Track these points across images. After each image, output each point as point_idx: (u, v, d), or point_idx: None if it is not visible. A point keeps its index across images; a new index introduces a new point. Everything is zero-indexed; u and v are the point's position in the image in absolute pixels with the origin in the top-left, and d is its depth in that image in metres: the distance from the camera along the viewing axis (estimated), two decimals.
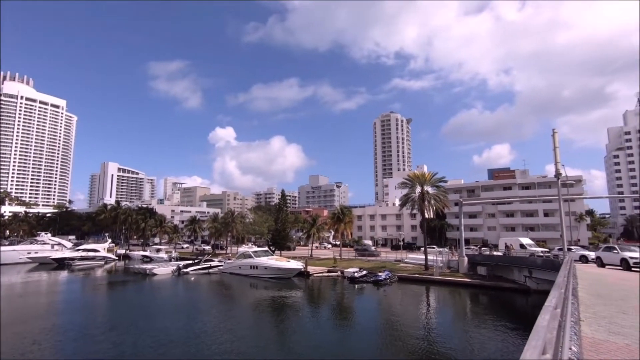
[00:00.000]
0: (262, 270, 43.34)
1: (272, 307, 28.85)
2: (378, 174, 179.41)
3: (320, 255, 57.74)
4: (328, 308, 29.86)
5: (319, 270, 44.83)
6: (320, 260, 52.15)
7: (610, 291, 13.07)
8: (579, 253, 33.32)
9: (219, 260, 52.68)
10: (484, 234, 74.22)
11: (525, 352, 1.87)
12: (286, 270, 42.33)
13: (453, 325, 24.19)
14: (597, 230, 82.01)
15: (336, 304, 31.80)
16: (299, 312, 27.31)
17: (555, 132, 27.13)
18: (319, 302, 32.94)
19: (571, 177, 59.72)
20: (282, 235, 60.63)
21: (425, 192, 42.56)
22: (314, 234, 59.09)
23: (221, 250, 69.93)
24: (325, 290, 37.66)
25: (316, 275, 43.28)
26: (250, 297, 34.48)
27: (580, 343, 5.15)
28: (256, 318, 25.48)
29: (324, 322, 24.96)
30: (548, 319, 2.73)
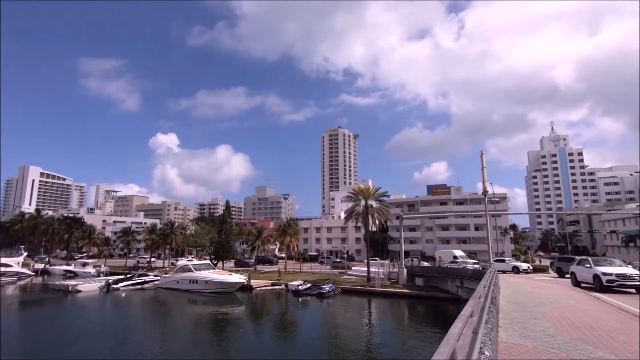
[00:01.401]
0: (202, 285, 41.33)
1: (212, 323, 27.56)
2: (325, 187, 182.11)
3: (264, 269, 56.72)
4: (271, 322, 29.27)
5: (263, 284, 43.90)
6: (264, 274, 51.18)
7: (526, 299, 14.50)
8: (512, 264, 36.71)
9: (155, 275, 49.30)
10: (422, 246, 78.29)
11: None
12: (228, 284, 40.83)
13: (392, 335, 25.01)
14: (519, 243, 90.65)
15: (279, 318, 31.30)
16: (240, 327, 26.42)
17: (483, 154, 29.82)
18: (261, 316, 32.17)
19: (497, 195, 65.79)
20: (225, 247, 58.60)
21: (369, 206, 44.01)
22: (258, 247, 57.92)
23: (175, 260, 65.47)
24: (269, 304, 36.93)
25: (259, 289, 42.29)
26: (189, 314, 32.62)
27: (496, 348, 5.65)
28: (194, 336, 24.14)
29: (266, 337, 24.42)
30: (460, 326, 3.00)
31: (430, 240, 78.76)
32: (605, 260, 20.57)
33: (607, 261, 20.36)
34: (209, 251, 67.98)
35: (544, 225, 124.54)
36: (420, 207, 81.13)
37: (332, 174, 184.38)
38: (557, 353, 6.28)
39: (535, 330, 8.16)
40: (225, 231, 60.16)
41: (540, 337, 7.55)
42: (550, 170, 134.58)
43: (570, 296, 15.73)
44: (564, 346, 6.78)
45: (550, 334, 7.82)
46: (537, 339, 7.36)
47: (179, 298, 39.10)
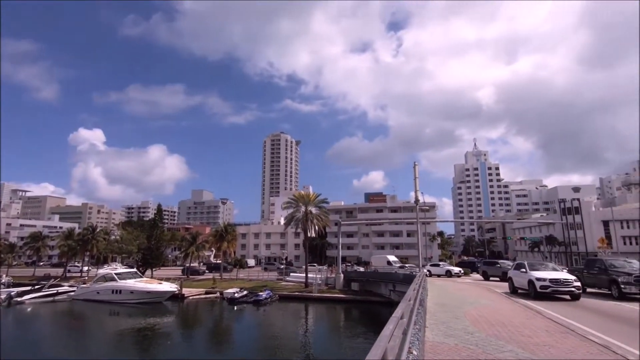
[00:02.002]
0: (127, 295, 38.00)
1: (137, 336, 25.45)
2: (265, 192, 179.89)
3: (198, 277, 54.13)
4: (203, 332, 27.91)
5: (196, 292, 41.74)
6: (198, 282, 48.78)
7: (449, 300, 15.71)
8: (446, 268, 39.26)
9: (70, 285, 44.24)
10: (359, 252, 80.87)
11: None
12: (157, 294, 38.08)
13: (328, 339, 25.36)
14: (445, 248, 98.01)
15: (212, 327, 29.98)
16: (168, 339, 24.75)
17: (415, 165, 31.91)
18: (193, 326, 30.50)
19: (427, 203, 70.72)
20: (154, 254, 54.70)
21: (309, 212, 44.42)
22: (192, 253, 55.07)
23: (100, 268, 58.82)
24: (201, 314, 35.21)
25: (192, 298, 40.12)
26: (109, 328, 29.72)
27: (422, 347, 6.03)
28: (114, 351, 22.03)
29: (198, 348, 23.17)
30: (391, 328, 3.16)
31: (366, 246, 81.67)
32: (540, 264, 19.10)
33: (542, 265, 18.98)
34: (136, 258, 62.96)
35: (466, 232, 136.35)
36: (358, 214, 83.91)
37: (273, 179, 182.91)
38: (474, 349, 6.89)
39: (457, 329, 8.87)
40: (156, 236, 56.25)
41: (461, 335, 8.21)
42: (473, 183, 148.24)
43: (486, 297, 17.38)
44: (480, 342, 7.46)
45: (469, 332, 8.56)
46: (458, 336, 8.00)
47: (98, 310, 35.50)
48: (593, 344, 7.50)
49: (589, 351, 6.93)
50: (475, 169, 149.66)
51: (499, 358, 6.27)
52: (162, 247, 60.59)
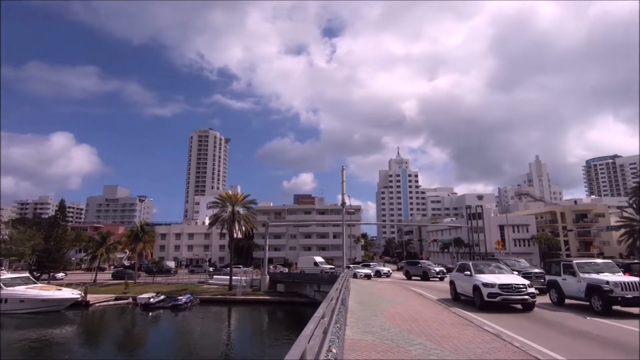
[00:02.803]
0: (15, 304, 32.63)
1: (26, 350, 21.99)
2: (190, 190, 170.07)
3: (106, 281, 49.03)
4: (110, 342, 25.25)
5: (104, 299, 37.67)
6: (108, 287, 44.12)
7: (370, 299, 16.53)
8: (376, 268, 40.61)
9: None
10: (286, 253, 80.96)
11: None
12: (54, 302, 33.43)
13: (250, 342, 24.84)
14: (368, 249, 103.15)
15: (122, 336, 27.28)
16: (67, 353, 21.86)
17: (343, 169, 33.12)
18: (98, 336, 27.41)
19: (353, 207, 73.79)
20: (53, 256, 48.02)
21: (236, 213, 43.20)
22: (101, 255, 49.65)
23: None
24: (109, 322, 31.88)
25: (99, 305, 36.10)
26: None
27: (342, 345, 6.25)
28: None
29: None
30: (312, 328, 3.21)
31: (293, 248, 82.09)
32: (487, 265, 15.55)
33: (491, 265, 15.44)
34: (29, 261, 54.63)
35: (387, 234, 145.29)
36: (286, 215, 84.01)
37: (199, 177, 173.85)
38: (389, 344, 7.35)
39: (375, 326, 9.37)
40: (56, 236, 49.48)
41: (378, 331, 8.69)
42: (395, 188, 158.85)
43: (402, 294, 18.68)
44: (395, 337, 7.98)
45: (386, 328, 9.10)
46: (375, 333, 8.45)
47: None
48: (487, 334, 8.53)
49: (484, 339, 7.85)
50: (397, 175, 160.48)
51: (409, 350, 6.77)
52: (64, 249, 53.53)
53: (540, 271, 18.92)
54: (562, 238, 72.50)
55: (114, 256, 57.61)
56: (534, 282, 17.82)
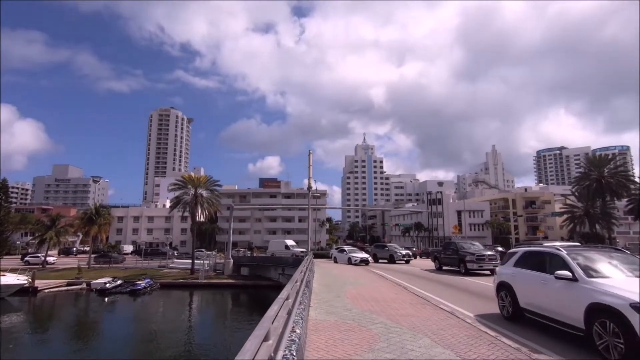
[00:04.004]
0: None
1: None
2: (149, 171, 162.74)
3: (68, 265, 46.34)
4: (62, 330, 24.03)
5: (54, 284, 35.58)
6: (59, 272, 41.67)
7: (333, 281, 16.85)
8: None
9: None
10: (250, 237, 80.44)
11: (247, 343, 2.06)
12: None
13: (212, 326, 24.69)
14: (332, 233, 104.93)
15: (74, 323, 26.03)
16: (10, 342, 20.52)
17: (310, 153, 33.07)
18: (48, 324, 25.95)
19: (319, 191, 74.13)
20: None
21: (199, 195, 42.03)
22: (51, 239, 46.59)
23: None
24: (60, 309, 30.26)
25: (49, 291, 34.07)
26: None
27: (306, 325, 6.31)
28: None
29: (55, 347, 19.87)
30: (276, 309, 3.18)
31: (258, 231, 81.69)
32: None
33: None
34: None
35: (352, 219, 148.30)
36: (251, 198, 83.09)
37: (160, 158, 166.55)
38: (351, 323, 7.54)
39: (338, 307, 9.57)
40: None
41: (340, 312, 8.88)
42: (360, 173, 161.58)
43: (365, 277, 19.21)
44: (357, 317, 8.20)
45: (348, 309, 9.32)
46: (338, 314, 8.63)
47: None
48: (443, 311, 8.99)
49: (440, 317, 8.26)
50: (363, 161, 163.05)
51: (370, 329, 6.98)
52: (7, 232, 49.59)
53: (493, 253, 20.24)
54: (513, 223, 77.70)
55: (65, 240, 54.27)
56: (486, 264, 19.13)
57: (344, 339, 6.26)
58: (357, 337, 6.43)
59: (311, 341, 6.04)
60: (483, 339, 6.30)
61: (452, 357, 5.24)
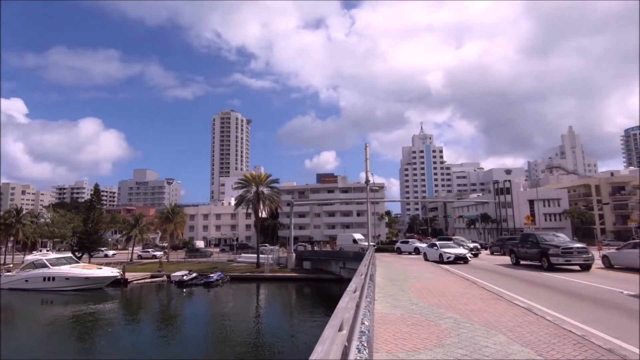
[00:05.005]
0: (61, 282, 35.21)
1: (75, 325, 23.79)
2: (215, 172, 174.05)
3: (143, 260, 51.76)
4: (150, 317, 26.90)
5: (140, 277, 39.88)
6: (143, 265, 46.59)
7: (396, 275, 16.63)
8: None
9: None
10: (310, 231, 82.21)
11: (325, 331, 2.18)
12: (96, 280, 35.77)
13: (279, 316, 25.80)
14: (392, 227, 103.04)
15: (160, 311, 28.97)
16: (110, 327, 23.50)
17: (366, 147, 32.74)
18: (138, 312, 29.24)
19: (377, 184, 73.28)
20: (92, 238, 50.94)
21: (261, 193, 43.95)
22: (135, 236, 52.19)
23: None
24: (147, 298, 33.85)
25: (136, 283, 38.30)
26: (42, 318, 27.44)
27: (372, 318, 6.35)
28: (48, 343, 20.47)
29: (145, 333, 22.35)
30: (347, 301, 3.27)
31: (317, 226, 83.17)
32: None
33: None
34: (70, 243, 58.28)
35: (411, 211, 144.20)
36: (309, 194, 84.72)
37: (223, 159, 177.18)
38: (419, 317, 7.41)
39: (403, 301, 9.45)
40: (94, 219, 52.28)
41: (406, 305, 8.77)
42: (418, 164, 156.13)
43: (429, 270, 18.65)
44: (424, 311, 8.04)
45: (414, 302, 9.16)
46: (404, 307, 8.54)
47: (28, 300, 32.57)
48: (518, 307, 8.42)
49: (515, 313, 7.76)
50: (421, 151, 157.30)
51: (439, 324, 6.80)
52: (101, 230, 56.63)
53: (583, 246, 17.80)
54: (597, 212, 69.59)
55: (147, 237, 60.45)
56: (575, 258, 16.84)
57: (412, 333, 6.19)
58: (425, 331, 6.32)
59: (379, 334, 6.07)
60: (568, 338, 5.80)
61: (533, 357, 4.91)
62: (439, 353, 5.07)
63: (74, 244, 54.28)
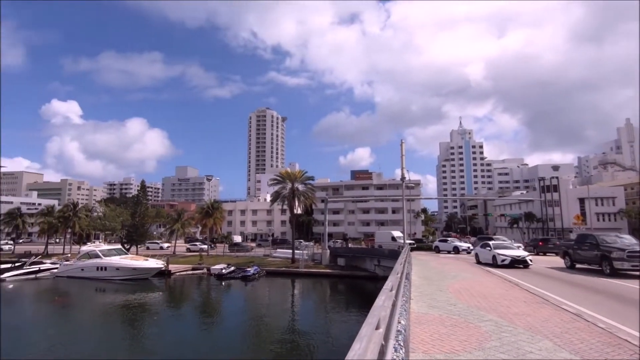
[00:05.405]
0: (112, 272, 37.86)
1: (125, 312, 25.52)
2: (251, 169, 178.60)
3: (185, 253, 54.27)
4: (191, 307, 28.25)
5: (183, 269, 41.91)
6: (185, 258, 48.89)
7: (433, 274, 16.24)
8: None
9: (53, 262, 43.66)
10: (344, 228, 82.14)
11: (362, 329, 2.19)
12: (143, 270, 38.07)
13: (314, 313, 26.06)
14: (428, 225, 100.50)
15: (201, 302, 30.35)
16: (155, 315, 24.95)
17: (402, 143, 32.08)
18: (181, 302, 30.81)
19: (413, 181, 71.70)
20: (139, 231, 54.21)
21: (295, 189, 44.49)
22: (178, 230, 54.84)
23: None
24: (189, 289, 35.51)
25: (179, 274, 40.31)
26: (96, 304, 29.72)
27: (408, 317, 6.26)
28: (103, 327, 22.14)
29: (187, 323, 23.51)
30: (383, 299, 3.25)
31: (352, 223, 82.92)
32: None
33: None
34: (120, 235, 62.33)
35: (449, 209, 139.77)
36: (344, 191, 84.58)
37: (259, 156, 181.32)
38: (457, 319, 7.20)
39: (440, 301, 9.22)
40: (140, 213, 55.56)
41: (444, 306, 8.55)
42: (457, 161, 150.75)
43: (468, 270, 18.03)
44: (463, 312, 7.79)
45: (452, 303, 8.91)
46: (441, 308, 8.33)
47: (83, 287, 35.33)
48: (566, 313, 7.93)
49: (563, 319, 7.33)
50: (459, 147, 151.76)
51: (479, 326, 6.57)
52: (147, 224, 60.03)
53: None
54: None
55: (189, 231, 63.32)
56: None
57: (450, 335, 6.04)
58: (464, 333, 6.14)
59: (415, 334, 5.98)
60: (624, 347, 5.39)
61: None
62: (479, 356, 4.92)
63: (123, 237, 58.00)
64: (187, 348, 17.45)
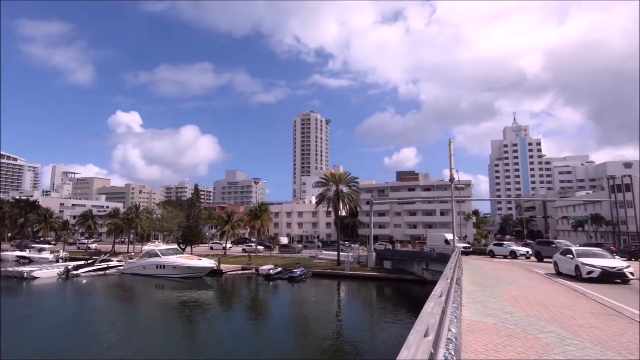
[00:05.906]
0: (170, 270, 40.52)
1: (181, 308, 27.19)
2: (296, 171, 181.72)
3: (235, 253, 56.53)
4: (241, 306, 29.35)
5: (233, 268, 43.71)
6: (235, 258, 50.93)
7: (485, 279, 15.39)
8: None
9: (119, 260, 47.70)
10: (390, 230, 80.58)
11: (410, 336, 2.15)
12: (197, 269, 40.30)
13: (360, 316, 25.87)
14: (480, 227, 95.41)
15: (250, 301, 31.42)
16: (208, 312, 26.25)
17: (450, 142, 30.81)
18: (231, 300, 32.14)
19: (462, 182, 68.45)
20: (194, 232, 57.48)
21: (340, 191, 44.52)
22: (228, 231, 57.31)
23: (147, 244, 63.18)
24: (239, 289, 36.93)
25: (229, 273, 42.10)
26: (156, 300, 31.99)
27: (460, 325, 5.99)
28: (162, 322, 23.77)
29: (237, 321, 24.49)
30: (432, 305, 3.16)
31: (398, 225, 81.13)
32: None
33: None
34: (176, 236, 66.53)
35: (503, 210, 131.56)
36: (389, 192, 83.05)
37: (304, 158, 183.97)
38: (514, 328, 6.76)
39: (495, 309, 8.72)
40: (194, 215, 58.90)
41: (499, 314, 8.07)
42: (511, 159, 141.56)
43: (525, 276, 16.85)
44: (520, 322, 7.30)
45: (508, 312, 8.38)
46: (496, 316, 7.87)
47: (145, 284, 38.18)
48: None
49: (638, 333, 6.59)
50: (514, 145, 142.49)
51: (539, 338, 6.11)
52: (200, 225, 63.44)
53: None
54: None
55: (238, 232, 65.93)
56: None
57: (506, 345, 5.69)
58: (521, 344, 5.75)
59: (467, 343, 5.71)
60: None
61: None
62: None
63: (179, 237, 61.84)
64: (239, 345, 18.16)
